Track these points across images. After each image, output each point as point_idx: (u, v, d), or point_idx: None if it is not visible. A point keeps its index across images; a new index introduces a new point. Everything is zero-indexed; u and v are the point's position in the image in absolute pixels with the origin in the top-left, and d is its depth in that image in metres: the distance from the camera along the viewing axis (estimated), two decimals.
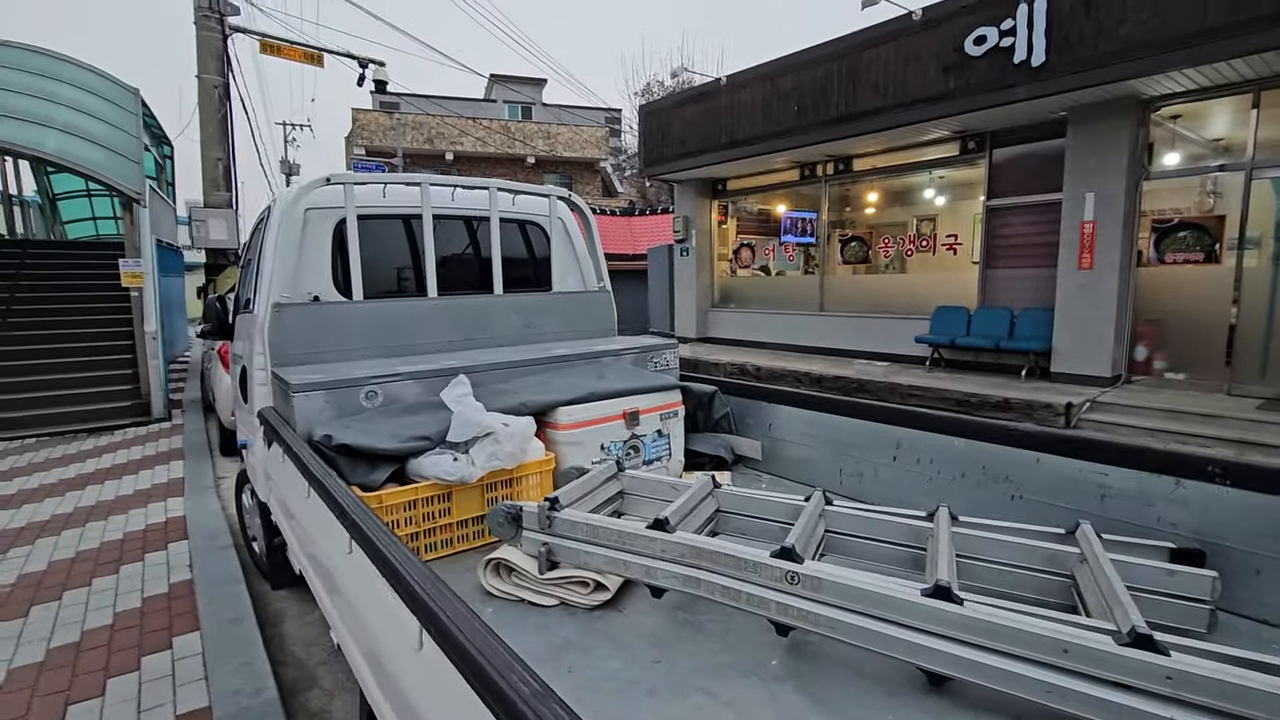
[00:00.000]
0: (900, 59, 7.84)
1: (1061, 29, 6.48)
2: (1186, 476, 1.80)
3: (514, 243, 3.69)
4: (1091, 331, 7.28)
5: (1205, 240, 7.03)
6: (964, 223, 9.25)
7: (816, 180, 10.65)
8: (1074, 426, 6.56)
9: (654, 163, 11.79)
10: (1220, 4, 5.54)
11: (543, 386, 2.76)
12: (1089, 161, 7.19)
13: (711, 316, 12.40)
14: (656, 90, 25.17)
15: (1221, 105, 6.83)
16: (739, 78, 10.04)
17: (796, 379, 9.14)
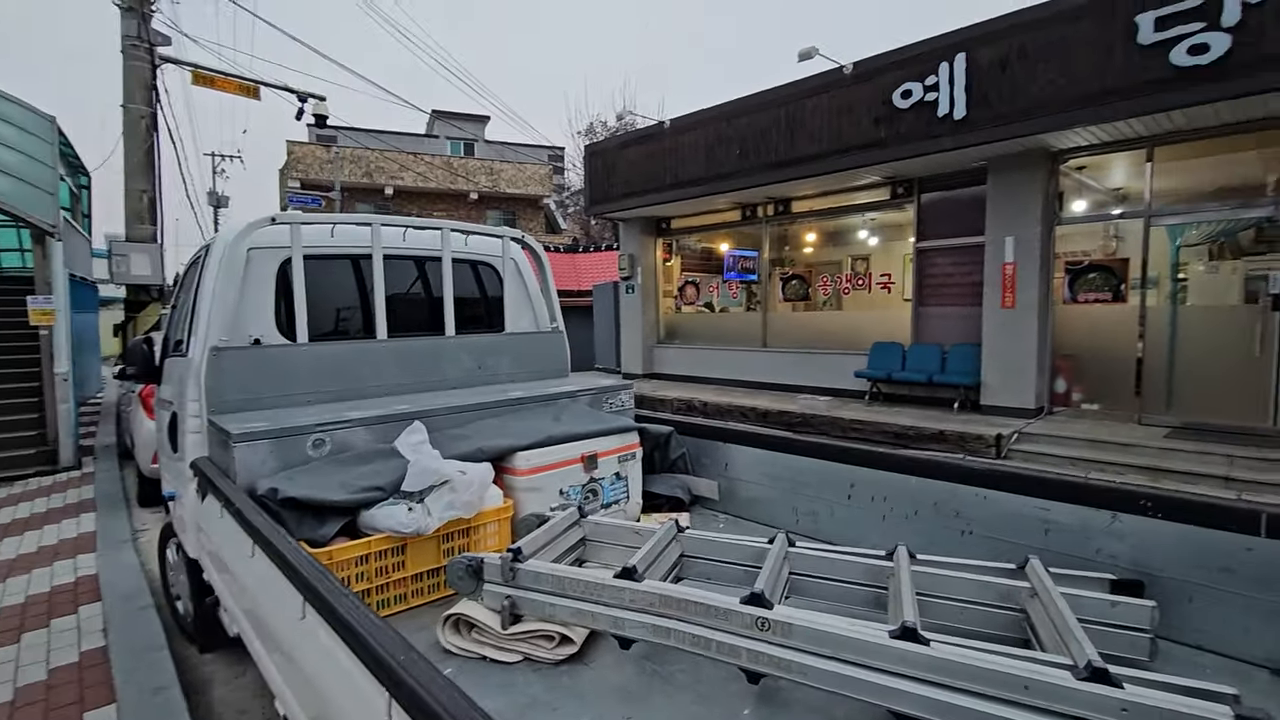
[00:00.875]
0: (834, 109, 8.28)
1: (980, 86, 7.00)
2: (1122, 510, 1.91)
3: (466, 283, 3.65)
4: (1016, 366, 7.71)
5: (1112, 281, 7.62)
6: (896, 262, 9.73)
7: (758, 220, 11.02)
8: (1004, 457, 6.88)
9: (599, 201, 11.96)
10: (1117, 69, 6.12)
11: (499, 430, 2.71)
12: (1007, 207, 7.72)
13: (657, 353, 12.51)
14: (600, 130, 25.67)
15: (1121, 159, 7.49)
16: (682, 121, 10.36)
17: (743, 414, 9.29)
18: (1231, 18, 5.46)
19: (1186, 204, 7.20)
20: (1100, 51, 6.20)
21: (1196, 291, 7.55)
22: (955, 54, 7.11)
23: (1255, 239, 7.35)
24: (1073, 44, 6.37)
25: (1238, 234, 7.40)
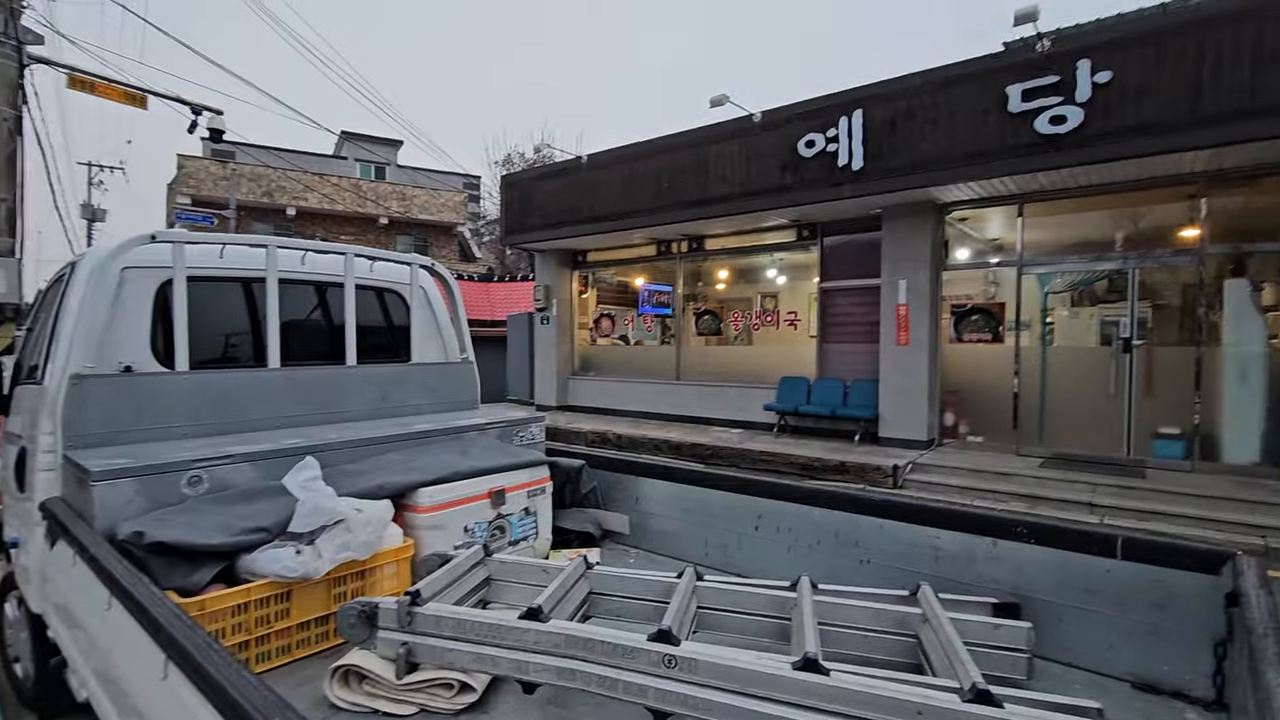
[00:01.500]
0: (744, 154, 8.68)
1: (875, 141, 7.55)
2: (1000, 536, 2.05)
3: (371, 311, 3.50)
4: (909, 401, 8.21)
5: (991, 323, 8.31)
6: (802, 300, 10.21)
7: (672, 256, 11.28)
8: (900, 487, 7.26)
9: (515, 232, 11.88)
10: (991, 133, 6.78)
11: (402, 466, 2.59)
12: (901, 253, 8.31)
13: (572, 384, 12.44)
14: (518, 161, 25.68)
15: (997, 212, 8.25)
16: (600, 158, 10.53)
17: (656, 447, 9.34)
18: (1084, 94, 6.20)
19: (1051, 256, 8.01)
20: (977, 117, 6.86)
21: (1062, 334, 8.36)
22: (853, 110, 7.66)
23: (1108, 288, 8.25)
24: (954, 108, 7.02)
25: (1094, 283, 8.29)
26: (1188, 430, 6.87)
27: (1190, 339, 7.18)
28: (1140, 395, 7.20)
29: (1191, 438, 6.84)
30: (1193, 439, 6.83)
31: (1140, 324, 7.36)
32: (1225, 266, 7.07)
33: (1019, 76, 6.56)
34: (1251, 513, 5.69)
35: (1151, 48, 5.92)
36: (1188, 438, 6.86)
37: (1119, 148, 6.13)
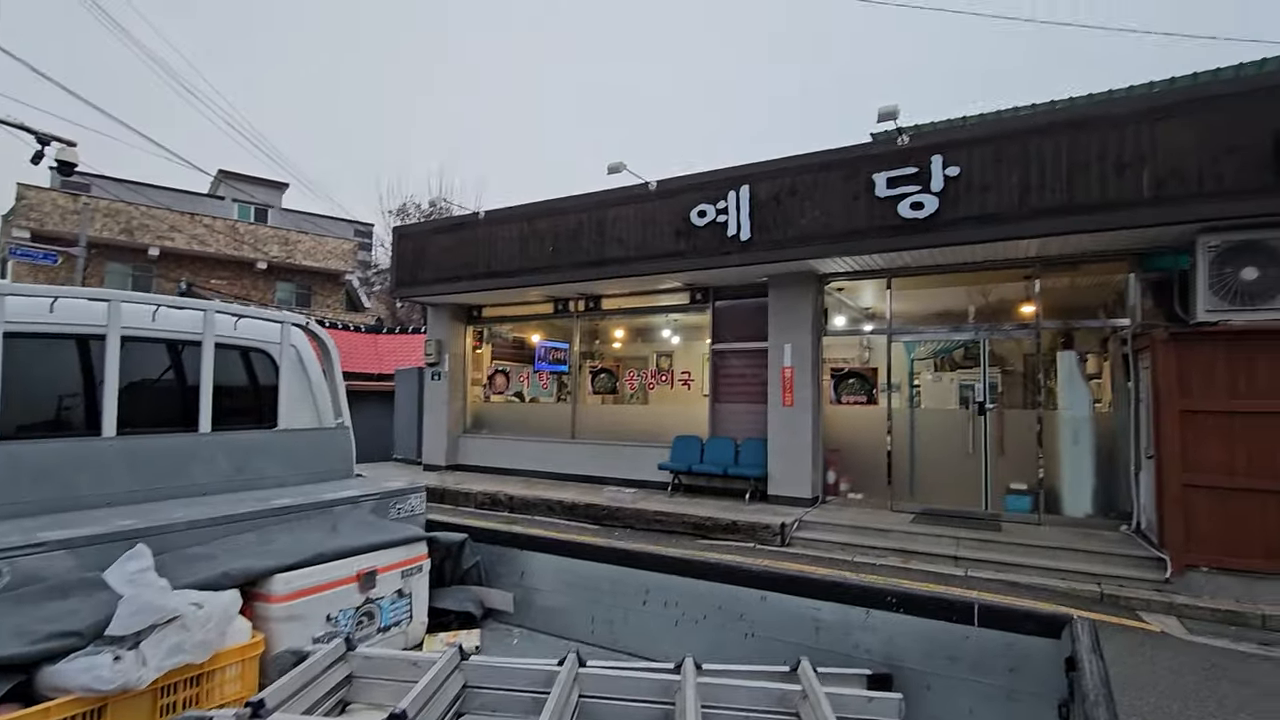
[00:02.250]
0: (640, 219, 8.98)
1: (760, 215, 8.06)
2: (873, 606, 2.13)
3: (233, 372, 3.21)
4: (795, 460, 8.56)
5: (866, 385, 8.91)
6: (696, 360, 10.50)
7: (569, 314, 11.32)
8: (788, 544, 7.47)
9: (407, 284, 11.51)
10: (862, 214, 7.43)
11: (256, 548, 2.33)
12: (786, 318, 8.80)
13: (463, 443, 11.97)
14: (413, 211, 25.15)
15: (870, 284, 8.97)
16: (497, 214, 10.52)
17: (550, 507, 9.10)
18: (938, 185, 6.97)
19: (916, 325, 8.77)
20: (849, 198, 7.52)
21: (928, 397, 9.09)
22: (741, 185, 8.17)
23: (964, 356, 9.13)
24: (829, 189, 7.66)
25: (953, 351, 9.14)
26: (1034, 486, 7.59)
27: (1032, 403, 8.02)
28: (994, 454, 7.91)
29: (1037, 493, 7.56)
30: (1038, 494, 7.55)
31: (992, 389, 8.15)
32: (1057, 339, 8.04)
33: (884, 166, 7.29)
34: (1089, 562, 6.30)
35: (990, 149, 6.79)
36: (1034, 493, 7.58)
37: (966, 233, 6.90)
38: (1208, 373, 5.85)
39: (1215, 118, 5.92)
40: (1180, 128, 6.03)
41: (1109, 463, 7.40)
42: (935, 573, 6.43)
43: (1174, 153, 6.03)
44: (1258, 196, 5.76)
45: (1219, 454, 5.75)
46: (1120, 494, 7.23)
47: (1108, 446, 7.43)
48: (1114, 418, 7.41)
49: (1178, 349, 5.98)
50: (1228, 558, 5.66)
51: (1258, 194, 5.76)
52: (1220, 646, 4.82)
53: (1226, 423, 5.74)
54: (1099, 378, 8.07)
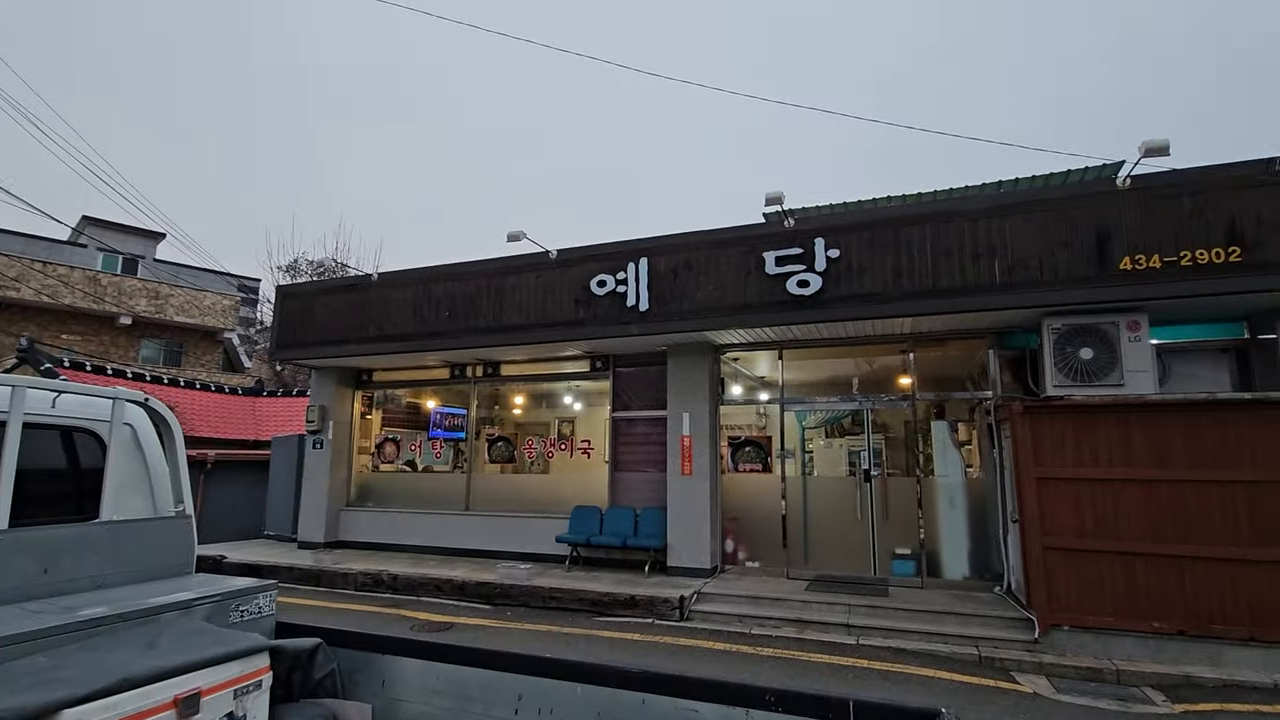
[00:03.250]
0: (541, 287, 8.95)
1: (658, 287, 8.25)
2: (752, 706, 2.05)
3: (47, 455, 2.80)
4: (694, 529, 8.52)
5: (761, 453, 9.11)
6: (597, 428, 10.38)
7: (467, 380, 10.98)
8: (687, 618, 7.32)
9: (290, 346, 10.80)
10: (754, 289, 7.76)
11: (43, 676, 1.95)
12: (684, 387, 8.93)
13: (345, 517, 11.10)
14: (306, 269, 23.97)
15: (763, 355, 9.31)
16: (391, 277, 10.18)
17: (438, 587, 8.51)
18: (821, 265, 7.44)
19: (807, 395, 9.15)
20: (742, 274, 7.86)
21: (820, 464, 9.40)
22: (640, 257, 8.37)
23: (851, 424, 9.56)
24: (724, 265, 7.98)
25: (841, 420, 9.56)
26: (916, 551, 7.92)
27: (912, 470, 8.47)
28: (880, 519, 8.22)
29: (920, 557, 7.88)
30: (920, 558, 7.88)
31: (876, 455, 8.55)
32: (931, 409, 8.61)
33: (773, 245, 7.71)
34: (967, 625, 6.57)
35: (866, 235, 7.35)
36: (917, 557, 7.90)
37: (847, 310, 7.36)
38: (1058, 443, 6.42)
39: (1051, 216, 6.73)
40: (1023, 224, 6.80)
41: (981, 526, 7.87)
42: (830, 642, 6.48)
43: (1019, 245, 6.78)
44: (1087, 286, 6.53)
45: (1070, 518, 6.24)
46: (992, 556, 7.67)
47: (979, 510, 7.92)
48: (984, 483, 7.94)
49: (1032, 420, 6.54)
50: (1085, 616, 6.06)
51: (1087, 284, 6.54)
52: (1083, 705, 5.08)
53: (1075, 489, 6.27)
54: (969, 444, 8.67)
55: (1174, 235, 6.31)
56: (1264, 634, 5.56)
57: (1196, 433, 5.98)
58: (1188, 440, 5.99)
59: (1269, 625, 5.56)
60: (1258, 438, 5.81)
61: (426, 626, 7.18)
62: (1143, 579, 5.96)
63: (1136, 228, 6.43)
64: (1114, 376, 6.59)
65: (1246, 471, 5.78)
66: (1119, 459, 6.17)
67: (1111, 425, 6.25)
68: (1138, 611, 5.93)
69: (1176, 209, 6.34)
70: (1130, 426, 6.18)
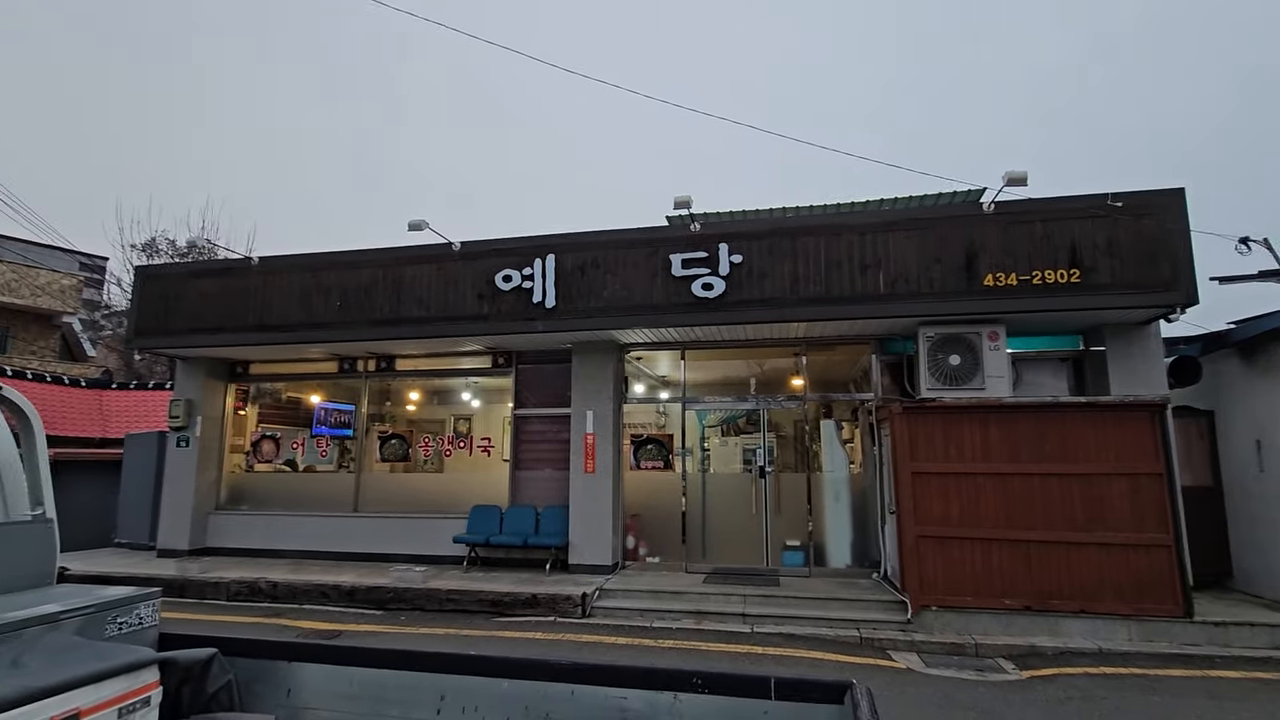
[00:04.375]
0: (442, 279, 8.66)
1: (565, 284, 8.23)
2: (680, 690, 2.14)
3: None
4: (596, 526, 8.58)
5: (663, 451, 9.32)
6: (497, 425, 10.19)
7: (357, 375, 10.41)
8: (589, 615, 7.36)
9: (152, 334, 9.74)
10: (660, 290, 7.93)
11: None
12: (588, 386, 8.96)
13: (215, 521, 10.18)
14: (166, 249, 21.70)
15: (666, 355, 9.53)
16: (275, 262, 9.46)
17: (324, 594, 8.02)
18: (725, 270, 7.73)
19: (707, 394, 9.46)
20: (648, 274, 8.01)
21: (718, 461, 9.74)
22: (547, 254, 8.30)
23: (747, 422, 9.99)
24: (630, 265, 8.09)
25: (739, 419, 9.97)
26: (805, 542, 8.42)
27: (802, 466, 8.99)
28: (773, 513, 8.67)
29: (808, 548, 8.39)
30: (809, 549, 8.39)
31: (771, 453, 9.00)
32: (820, 409, 9.18)
33: (679, 248, 7.92)
34: (850, 609, 7.08)
35: (766, 242, 7.73)
36: (805, 548, 8.40)
37: (748, 314, 7.71)
38: (930, 440, 7.07)
39: (927, 233, 7.40)
40: (904, 239, 7.43)
41: (862, 518, 8.50)
42: (726, 631, 6.75)
43: (900, 259, 7.39)
44: (957, 299, 7.24)
45: (940, 508, 6.90)
46: (871, 545, 8.30)
47: (861, 503, 8.55)
48: (865, 478, 8.57)
49: (908, 420, 7.15)
50: (949, 597, 6.72)
51: (957, 297, 7.24)
52: (949, 676, 5.64)
53: (944, 483, 6.94)
54: (853, 442, 9.33)
55: (1028, 256, 7.13)
56: (1091, 607, 6.42)
57: (1042, 431, 6.79)
58: (1035, 438, 6.80)
59: (1096, 599, 6.43)
60: (1089, 435, 6.70)
61: (311, 635, 6.75)
62: (997, 562, 6.69)
63: (998, 248, 7.21)
64: (977, 380, 7.35)
65: (1081, 465, 6.65)
66: (980, 455, 6.89)
67: (975, 424, 6.97)
68: (992, 591, 6.65)
69: (1030, 233, 7.17)
70: (990, 426, 6.92)
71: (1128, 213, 6.97)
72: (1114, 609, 6.38)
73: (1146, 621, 6.33)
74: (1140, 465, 6.56)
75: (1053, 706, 4.96)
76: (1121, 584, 6.42)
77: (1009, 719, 4.76)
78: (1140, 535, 6.46)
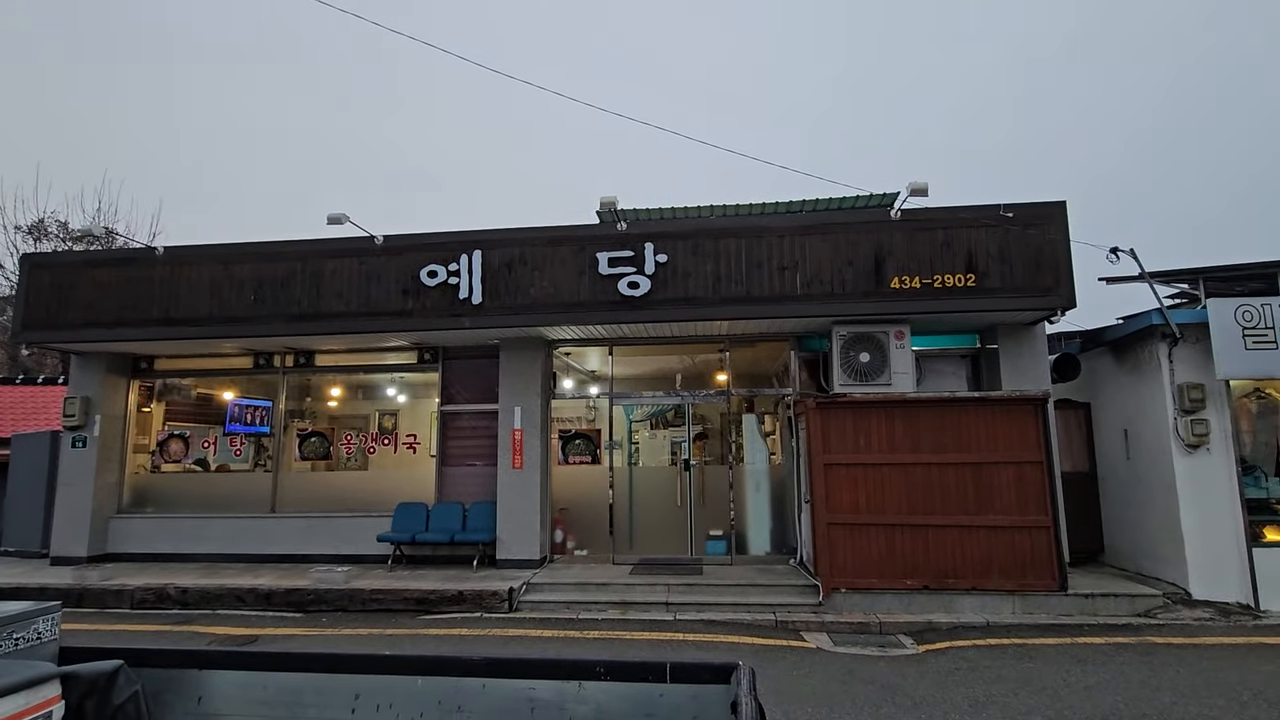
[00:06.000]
0: (364, 274, 8.48)
1: (492, 280, 8.22)
2: (584, 679, 2.30)
3: None
4: (524, 521, 8.65)
5: (591, 446, 9.48)
6: (423, 421, 10.07)
7: (274, 370, 10.04)
8: (515, 609, 7.45)
9: (43, 327, 9.08)
10: (587, 287, 8.05)
11: None
12: (516, 381, 8.99)
13: (117, 526, 9.63)
14: (56, 231, 20.06)
15: (594, 351, 9.67)
16: (183, 252, 9.00)
17: (239, 598, 7.77)
18: (650, 268, 7.92)
19: (634, 389, 9.67)
20: (575, 272, 8.11)
21: (645, 454, 9.99)
22: (473, 249, 8.26)
23: (674, 416, 10.27)
24: (557, 262, 8.17)
25: (665, 413, 10.24)
26: (727, 531, 8.78)
27: (725, 459, 9.34)
28: (697, 505, 8.98)
29: (730, 537, 8.75)
30: (730, 538, 8.75)
31: (696, 446, 9.30)
32: (743, 403, 9.54)
33: (606, 246, 8.06)
34: (767, 594, 7.45)
35: (691, 243, 7.97)
36: (727, 538, 8.76)
37: (673, 312, 7.94)
38: (841, 433, 7.51)
39: (840, 238, 7.82)
40: (819, 243, 7.82)
41: (780, 507, 8.92)
42: (650, 620, 6.99)
43: (815, 261, 7.78)
44: (866, 300, 7.70)
45: (850, 497, 7.36)
46: (789, 533, 8.74)
47: (780, 493, 8.97)
48: (783, 469, 9.00)
49: (822, 414, 7.57)
50: (857, 579, 7.20)
51: (866, 298, 7.70)
52: (854, 653, 6.06)
53: (853, 473, 7.40)
54: (773, 435, 9.76)
55: (930, 261, 7.66)
56: (981, 584, 7.02)
57: (941, 424, 7.34)
58: (935, 430, 7.34)
59: (985, 577, 7.04)
60: (982, 427, 7.29)
61: (225, 641, 6.56)
62: (899, 545, 7.21)
63: (904, 253, 7.71)
64: (885, 377, 7.85)
65: (973, 455, 7.23)
66: (886, 446, 7.38)
67: (881, 418, 7.45)
68: (895, 572, 7.16)
69: (932, 239, 7.70)
70: (895, 419, 7.42)
71: (1017, 222, 7.59)
72: (1000, 585, 7.00)
73: (1028, 596, 6.98)
74: (1025, 454, 7.20)
75: (943, 677, 5.43)
76: (1007, 562, 7.05)
77: (904, 690, 5.19)
78: (1024, 518, 7.10)
